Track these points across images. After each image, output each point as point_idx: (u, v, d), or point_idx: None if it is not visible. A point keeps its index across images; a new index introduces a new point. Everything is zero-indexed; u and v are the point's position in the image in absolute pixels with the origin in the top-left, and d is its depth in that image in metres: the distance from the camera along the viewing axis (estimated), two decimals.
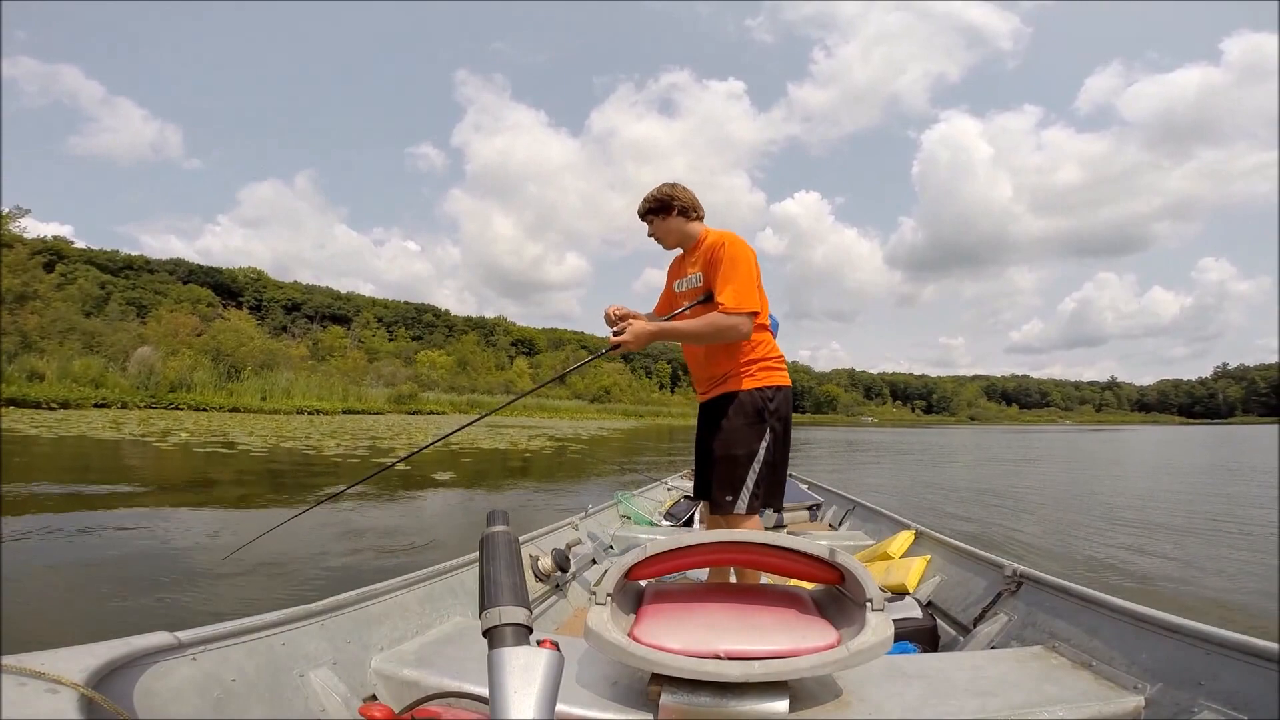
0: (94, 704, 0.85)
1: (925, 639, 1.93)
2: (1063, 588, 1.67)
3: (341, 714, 1.28)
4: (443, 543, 4.55)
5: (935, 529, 2.77)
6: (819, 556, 1.32)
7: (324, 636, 1.41)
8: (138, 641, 1.04)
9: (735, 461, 2.07)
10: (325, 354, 58.84)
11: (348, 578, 3.37)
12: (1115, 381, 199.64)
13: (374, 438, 15.36)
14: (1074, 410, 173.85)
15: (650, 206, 2.22)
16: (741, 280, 2.00)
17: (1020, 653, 1.52)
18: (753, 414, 2.08)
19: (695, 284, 2.15)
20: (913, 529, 2.87)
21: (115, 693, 0.93)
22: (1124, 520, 6.37)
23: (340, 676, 1.36)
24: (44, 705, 0.81)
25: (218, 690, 1.11)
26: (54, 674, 0.85)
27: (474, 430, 21.42)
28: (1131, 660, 1.32)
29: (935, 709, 1.22)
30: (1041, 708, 1.20)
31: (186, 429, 15.34)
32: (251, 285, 78.38)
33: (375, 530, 4.93)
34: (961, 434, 45.88)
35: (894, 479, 11.26)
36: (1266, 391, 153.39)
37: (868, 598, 1.25)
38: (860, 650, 1.16)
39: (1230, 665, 1.15)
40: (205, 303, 60.07)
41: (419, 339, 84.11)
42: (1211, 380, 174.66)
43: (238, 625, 1.24)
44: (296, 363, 42.66)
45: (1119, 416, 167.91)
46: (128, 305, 51.88)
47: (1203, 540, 5.30)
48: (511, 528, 0.86)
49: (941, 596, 2.22)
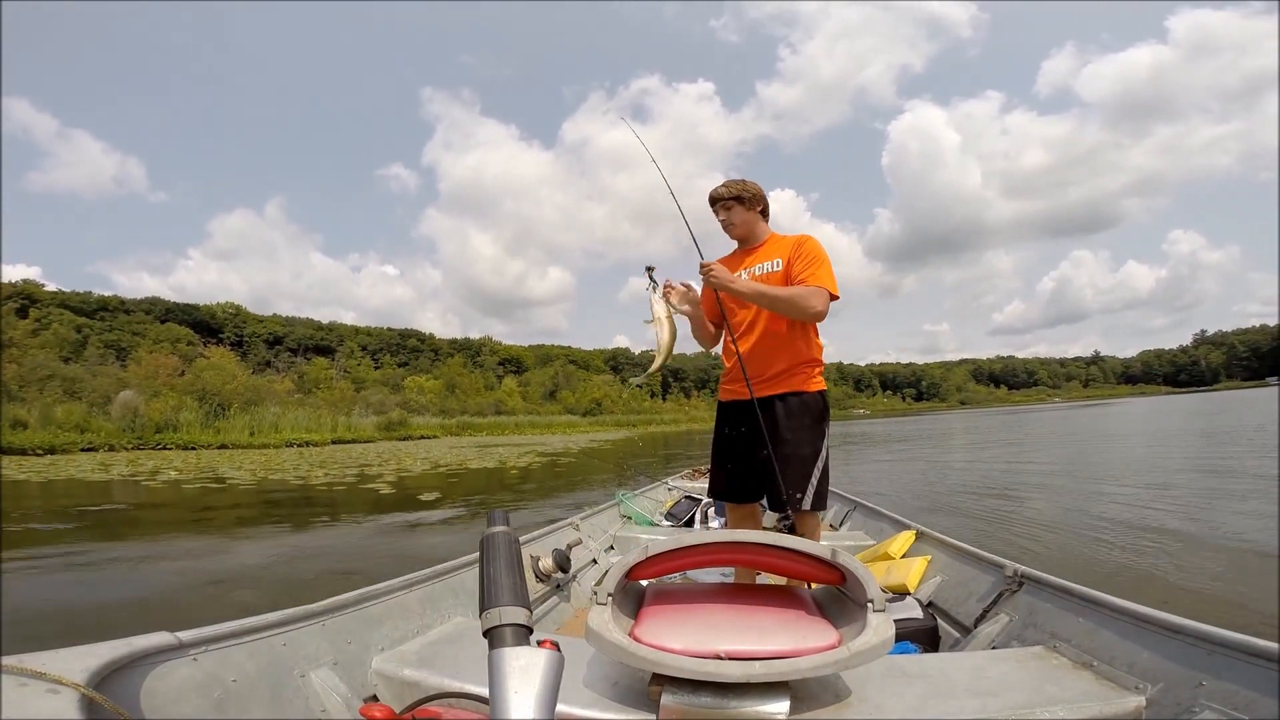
0: (95, 704, 0.86)
1: (926, 639, 1.94)
2: (1064, 588, 1.67)
3: (342, 714, 1.29)
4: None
5: (944, 531, 2.74)
6: (820, 557, 1.32)
7: (325, 637, 1.42)
8: (139, 642, 1.05)
9: (804, 460, 2.13)
10: (311, 387, 58.28)
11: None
12: (1099, 356, 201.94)
13: (363, 465, 15.23)
14: (1061, 387, 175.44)
15: (735, 194, 2.28)
16: (828, 270, 2.16)
17: (1021, 653, 1.52)
18: (817, 414, 2.19)
19: (777, 269, 2.21)
20: (914, 529, 2.87)
21: (116, 693, 0.94)
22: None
23: (341, 677, 1.37)
24: (45, 705, 0.81)
25: (219, 690, 1.12)
26: (55, 674, 0.85)
27: (464, 450, 21.36)
28: (1132, 660, 1.32)
29: (936, 709, 1.22)
30: (1042, 708, 1.20)
31: (175, 467, 15.16)
32: (231, 321, 77.46)
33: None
34: (955, 419, 46.19)
35: (912, 475, 10.93)
36: (1247, 355, 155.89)
37: (869, 598, 1.25)
38: (861, 651, 1.16)
39: (1231, 665, 1.15)
40: (185, 341, 59.45)
41: (405, 365, 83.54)
42: (1193, 348, 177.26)
43: (239, 625, 1.25)
44: (283, 397, 42.22)
45: (1106, 390, 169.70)
46: (106, 348, 51.29)
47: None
48: (512, 528, 0.86)
49: (942, 597, 2.23)
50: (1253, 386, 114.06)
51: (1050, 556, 4.30)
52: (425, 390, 62.60)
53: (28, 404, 26.27)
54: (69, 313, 57.66)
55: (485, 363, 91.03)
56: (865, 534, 3.43)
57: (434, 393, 62.45)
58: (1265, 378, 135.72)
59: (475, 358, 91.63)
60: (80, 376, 34.20)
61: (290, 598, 1.56)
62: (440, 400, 59.45)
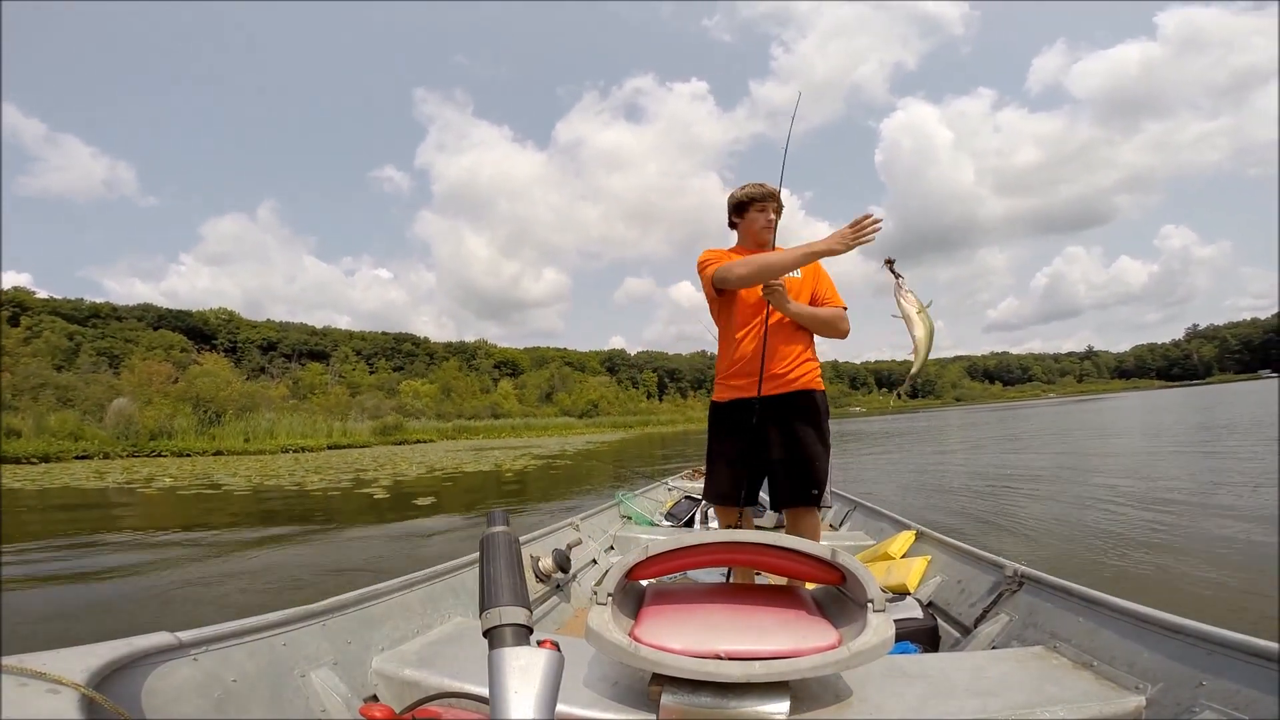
0: (95, 704, 0.86)
1: (926, 639, 1.94)
2: (1064, 588, 1.67)
3: (342, 714, 1.29)
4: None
5: (944, 531, 2.73)
6: (820, 557, 1.32)
7: (325, 637, 1.42)
8: (139, 642, 1.05)
9: (819, 458, 2.16)
10: (306, 392, 58.00)
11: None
12: (1093, 351, 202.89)
13: (358, 470, 15.17)
14: (1056, 383, 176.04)
15: (777, 199, 2.33)
16: (837, 291, 2.33)
17: (1021, 653, 1.52)
18: (825, 413, 2.24)
19: (797, 275, 2.25)
20: (914, 529, 2.86)
21: (117, 693, 0.94)
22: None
23: (341, 677, 1.37)
24: (45, 705, 0.81)
25: (219, 690, 1.12)
26: (55, 674, 0.86)
27: (459, 454, 21.30)
28: (1132, 660, 1.32)
29: (936, 709, 1.22)
30: (1042, 708, 1.20)
31: (170, 474, 15.08)
32: (224, 327, 77.09)
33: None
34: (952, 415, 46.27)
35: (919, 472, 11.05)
36: (1239, 348, 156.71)
37: (869, 598, 1.25)
38: (861, 651, 1.16)
39: (1231, 665, 1.14)
40: (178, 348, 59.06)
41: (400, 369, 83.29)
42: (1185, 342, 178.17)
43: (239, 625, 1.25)
44: (277, 403, 42.05)
45: (1100, 385, 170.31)
46: (99, 356, 50.93)
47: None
48: (512, 528, 0.86)
49: (942, 597, 2.23)
50: (1244, 379, 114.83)
51: (1050, 556, 4.30)
52: (420, 394, 62.43)
53: (21, 412, 26.14)
54: (61, 320, 57.28)
55: (481, 366, 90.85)
56: (865, 534, 3.43)
57: (429, 396, 62.30)
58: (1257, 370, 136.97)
59: (470, 361, 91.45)
60: (73, 385, 33.98)
61: (283, 599, 1.56)
62: (436, 404, 59.34)
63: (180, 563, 4.51)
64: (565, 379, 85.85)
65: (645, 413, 77.13)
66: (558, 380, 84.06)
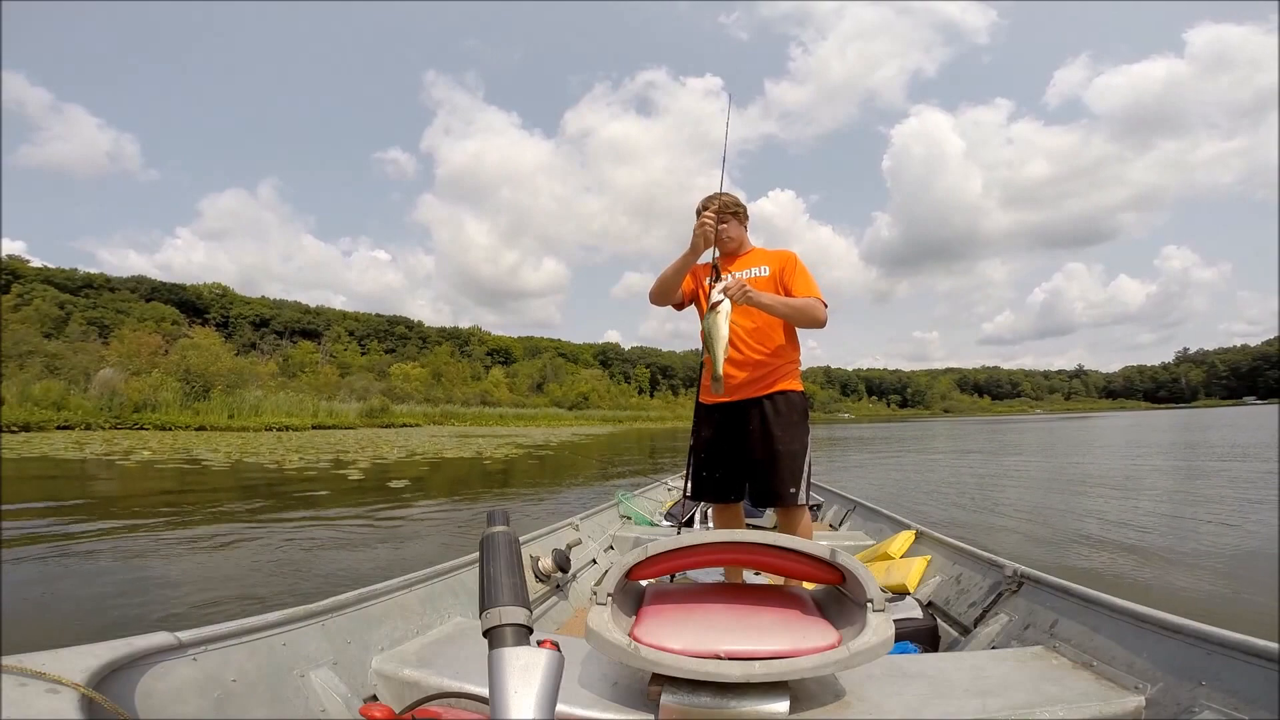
0: (94, 704, 0.86)
1: (926, 639, 1.94)
2: (1063, 588, 1.67)
3: (342, 714, 1.29)
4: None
5: (937, 527, 2.75)
6: (820, 556, 1.32)
7: (324, 637, 1.42)
8: (138, 642, 1.05)
9: (795, 456, 2.20)
10: (295, 370, 57.82)
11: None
12: (1083, 370, 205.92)
13: (339, 451, 15.14)
14: (1044, 399, 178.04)
15: (734, 209, 2.40)
16: (815, 285, 2.31)
17: (1021, 653, 1.52)
18: (801, 412, 2.27)
19: (764, 274, 2.32)
20: (913, 529, 2.86)
21: (116, 693, 0.94)
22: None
23: (341, 677, 1.37)
24: (44, 705, 0.81)
25: (218, 690, 1.12)
26: (54, 674, 0.86)
27: (442, 440, 21.37)
28: (1132, 660, 1.32)
29: (936, 709, 1.22)
30: (1042, 708, 1.20)
31: (150, 448, 14.99)
32: (217, 301, 76.93)
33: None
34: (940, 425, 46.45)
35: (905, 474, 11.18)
36: (1226, 374, 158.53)
37: (868, 598, 1.25)
38: (861, 650, 1.16)
39: (1230, 665, 1.14)
40: (170, 321, 58.64)
41: (392, 352, 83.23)
42: (1174, 365, 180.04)
43: (238, 625, 1.25)
44: (266, 380, 41.94)
45: (1087, 404, 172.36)
46: (89, 325, 50.59)
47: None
48: (512, 528, 0.86)
49: (942, 596, 2.23)
50: (1229, 405, 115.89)
51: (1050, 556, 4.32)
52: (411, 378, 62.37)
53: (6, 380, 25.99)
54: (53, 289, 57.01)
55: (473, 352, 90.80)
56: (865, 534, 3.43)
57: (420, 380, 62.25)
58: (1242, 397, 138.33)
59: (464, 347, 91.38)
60: (61, 353, 33.73)
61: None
62: (426, 388, 59.31)
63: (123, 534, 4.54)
64: (557, 370, 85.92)
65: (636, 408, 77.38)
66: (550, 371, 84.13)
